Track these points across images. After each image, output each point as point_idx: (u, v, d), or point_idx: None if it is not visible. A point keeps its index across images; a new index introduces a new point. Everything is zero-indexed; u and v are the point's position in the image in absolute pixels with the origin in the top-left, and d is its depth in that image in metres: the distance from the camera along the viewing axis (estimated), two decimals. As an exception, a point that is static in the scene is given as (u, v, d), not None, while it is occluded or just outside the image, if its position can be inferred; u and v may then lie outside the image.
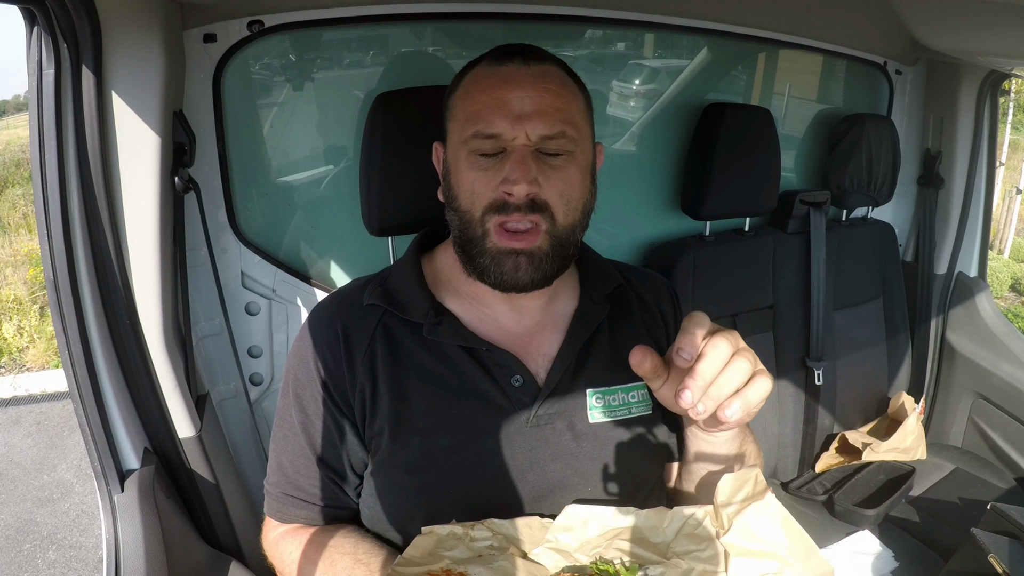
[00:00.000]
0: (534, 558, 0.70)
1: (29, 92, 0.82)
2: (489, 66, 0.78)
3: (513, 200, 0.74)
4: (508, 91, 0.75)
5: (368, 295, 0.83)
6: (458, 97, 0.80)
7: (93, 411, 0.89)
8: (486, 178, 0.75)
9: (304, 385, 0.83)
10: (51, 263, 0.85)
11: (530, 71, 0.76)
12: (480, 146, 0.75)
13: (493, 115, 0.75)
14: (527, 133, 0.74)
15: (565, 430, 0.82)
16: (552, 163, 0.76)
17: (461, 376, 0.81)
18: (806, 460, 1.68)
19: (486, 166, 0.76)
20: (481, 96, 0.76)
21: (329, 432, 0.82)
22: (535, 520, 0.72)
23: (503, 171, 0.74)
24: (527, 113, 0.74)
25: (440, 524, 0.71)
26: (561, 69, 0.80)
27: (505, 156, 0.75)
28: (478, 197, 0.76)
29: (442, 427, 0.79)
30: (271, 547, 0.87)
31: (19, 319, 4.44)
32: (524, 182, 0.73)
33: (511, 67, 0.76)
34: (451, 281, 0.85)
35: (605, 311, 0.87)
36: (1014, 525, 0.89)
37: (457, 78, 0.83)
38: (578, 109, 0.79)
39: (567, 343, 0.84)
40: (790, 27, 1.48)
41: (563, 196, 0.76)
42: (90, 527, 2.63)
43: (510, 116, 0.74)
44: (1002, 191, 6.35)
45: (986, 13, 1.03)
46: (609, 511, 0.70)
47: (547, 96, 0.75)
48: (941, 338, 1.87)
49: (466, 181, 0.77)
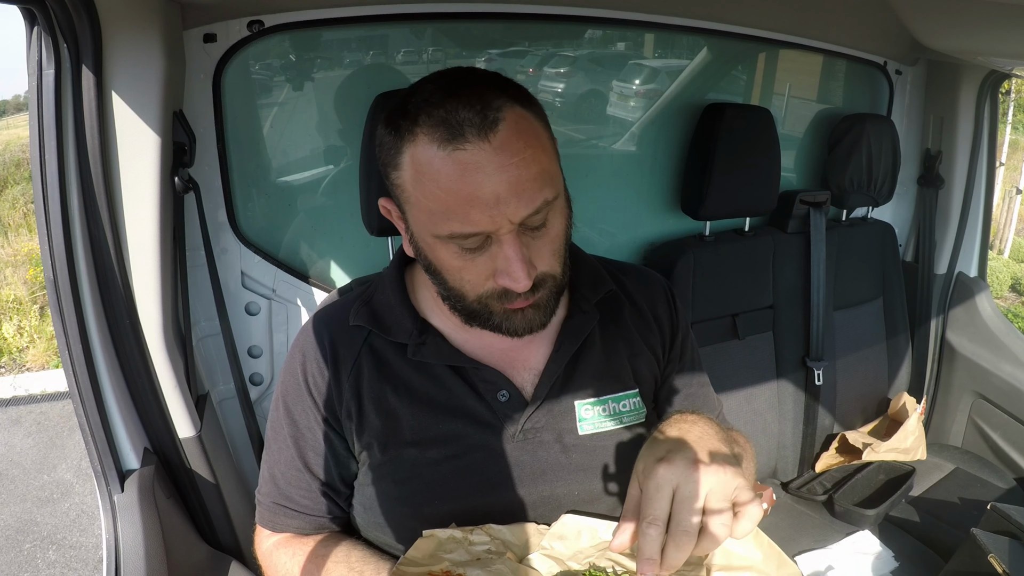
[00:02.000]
0: (529, 564, 0.73)
1: (29, 92, 0.82)
2: (439, 147, 0.64)
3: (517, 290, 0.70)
4: (476, 182, 0.64)
5: (354, 315, 0.83)
6: (409, 182, 0.68)
7: (93, 411, 0.89)
8: (474, 268, 0.70)
9: (294, 399, 0.83)
10: (51, 263, 0.85)
11: (491, 147, 0.64)
12: (462, 243, 0.69)
13: (468, 212, 0.65)
14: (509, 220, 0.66)
15: (553, 443, 0.81)
16: (539, 234, 0.71)
17: (448, 394, 0.80)
18: (806, 460, 1.68)
19: (471, 256, 0.70)
20: (444, 189, 0.65)
21: (319, 445, 0.83)
22: (531, 526, 0.75)
23: (494, 262, 0.69)
24: (503, 198, 0.65)
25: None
26: (512, 107, 0.67)
27: (490, 244, 0.69)
28: (470, 284, 0.72)
29: (430, 442, 0.79)
30: (265, 557, 0.88)
31: (19, 319, 4.44)
32: (525, 277, 0.68)
33: (468, 150, 0.64)
34: (433, 297, 0.83)
35: (594, 320, 0.85)
36: (1014, 525, 0.89)
37: (393, 141, 0.69)
38: (545, 152, 0.69)
39: (554, 356, 0.82)
40: (790, 27, 1.48)
41: (556, 255, 0.73)
42: (90, 527, 2.63)
43: (487, 208, 0.65)
44: (1002, 191, 6.34)
45: (986, 13, 1.03)
46: (602, 524, 0.74)
47: (519, 171, 0.65)
48: (941, 338, 1.87)
49: (452, 269, 0.72)
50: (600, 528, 0.74)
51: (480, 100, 0.65)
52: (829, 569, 1.33)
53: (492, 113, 0.65)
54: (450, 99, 0.65)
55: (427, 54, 1.32)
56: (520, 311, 0.74)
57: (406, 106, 0.68)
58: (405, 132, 0.67)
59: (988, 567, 0.85)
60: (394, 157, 0.69)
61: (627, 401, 0.84)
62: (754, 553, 0.71)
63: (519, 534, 0.75)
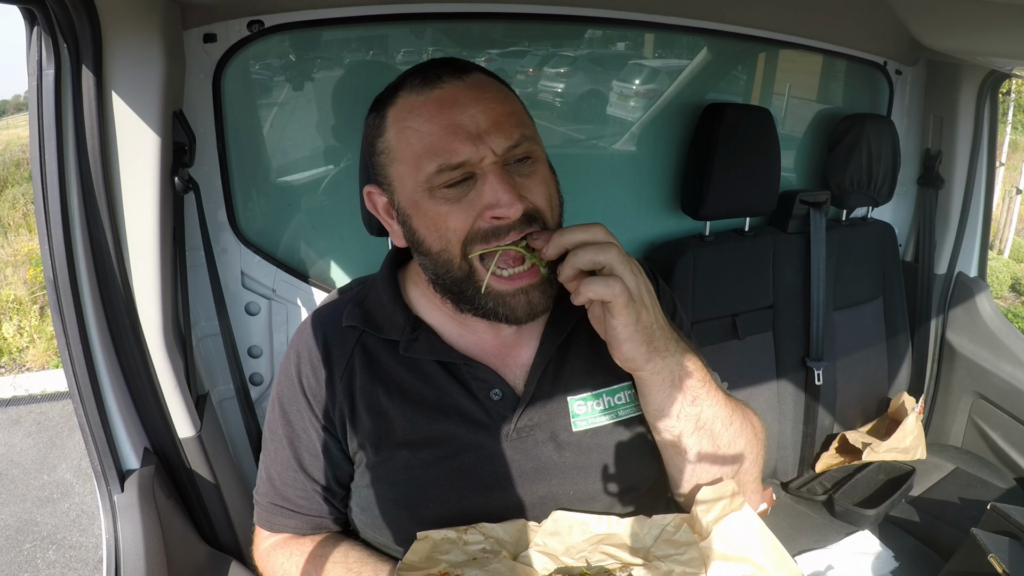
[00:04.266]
0: (523, 560, 0.73)
1: (29, 92, 0.82)
2: (418, 93, 0.72)
3: (505, 222, 0.71)
4: (455, 113, 0.70)
5: (347, 316, 0.83)
6: (393, 137, 0.74)
7: (93, 411, 0.89)
8: (460, 210, 0.71)
9: (290, 400, 0.83)
10: (51, 263, 0.85)
11: (466, 85, 0.72)
12: (448, 178, 0.70)
13: (451, 142, 0.69)
14: (492, 149, 0.70)
15: (547, 441, 0.81)
16: (523, 171, 0.73)
17: (439, 393, 0.80)
18: (806, 460, 1.68)
19: (456, 197, 0.71)
20: (426, 127, 0.70)
21: (314, 446, 0.83)
22: (522, 523, 0.75)
23: (482, 198, 0.71)
24: (484, 129, 0.70)
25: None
26: (485, 73, 0.76)
27: (476, 181, 0.71)
28: (454, 233, 0.72)
29: (422, 443, 0.79)
30: (262, 558, 0.88)
31: (19, 319, 4.44)
32: (516, 201, 0.70)
33: (445, 87, 0.71)
34: (424, 294, 0.84)
35: (578, 312, 0.83)
36: (1014, 525, 0.89)
37: (377, 118, 0.76)
38: (523, 109, 0.77)
39: (541, 349, 0.83)
40: (790, 27, 1.48)
41: (547, 199, 0.75)
42: (90, 527, 2.63)
43: (468, 137, 0.69)
44: (1002, 191, 6.35)
45: (986, 13, 1.03)
46: (593, 519, 0.75)
47: (495, 105, 0.71)
48: (941, 338, 1.87)
49: (436, 219, 0.72)
50: (591, 523, 0.75)
51: (459, 63, 0.74)
52: (829, 569, 1.33)
53: (469, 71, 0.74)
54: (420, 69, 0.74)
55: (427, 54, 1.31)
56: (521, 293, 0.74)
57: (383, 93, 0.77)
58: (386, 102, 0.75)
59: (988, 567, 0.85)
60: (376, 131, 0.76)
61: (622, 393, 0.84)
62: (755, 545, 0.71)
63: (512, 532, 0.75)
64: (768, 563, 0.71)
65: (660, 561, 0.73)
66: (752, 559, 0.71)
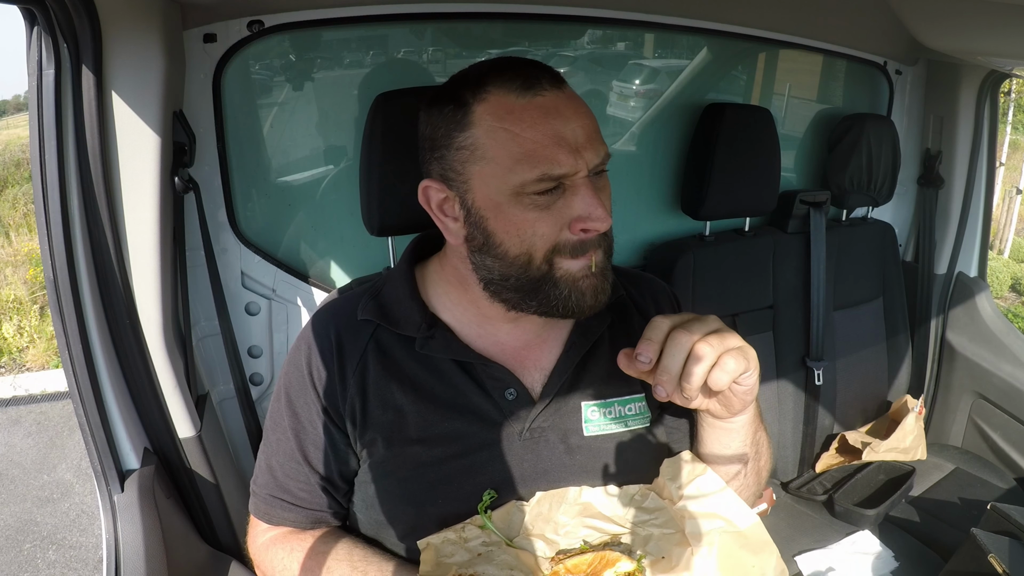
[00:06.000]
0: (520, 546, 0.75)
1: (29, 92, 0.82)
2: (518, 96, 0.70)
3: (593, 235, 0.73)
4: (559, 124, 0.70)
5: (362, 309, 0.83)
6: (483, 135, 0.71)
7: (93, 411, 0.89)
8: (548, 217, 0.72)
9: (298, 392, 0.83)
10: (51, 263, 0.85)
11: (565, 96, 0.72)
12: (544, 187, 0.70)
13: (556, 153, 0.69)
14: (587, 163, 0.71)
15: (558, 443, 0.81)
16: (599, 184, 0.75)
17: (454, 391, 0.80)
18: (806, 460, 1.68)
19: (545, 204, 0.71)
20: (529, 133, 0.69)
21: (320, 439, 0.82)
22: (509, 509, 0.77)
23: (572, 209, 0.71)
24: (582, 143, 0.71)
25: (425, 533, 0.75)
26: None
27: (563, 191, 0.72)
28: (541, 239, 0.72)
29: (435, 440, 0.79)
30: (259, 551, 0.87)
31: (19, 319, 4.44)
32: (608, 216, 0.71)
33: (547, 96, 0.71)
34: (447, 293, 0.84)
35: (605, 322, 0.85)
36: (1014, 525, 0.89)
37: (457, 110, 0.72)
38: None
39: (564, 356, 0.83)
40: (790, 27, 1.48)
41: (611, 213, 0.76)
42: (90, 527, 2.63)
43: (571, 150, 0.70)
44: (1002, 191, 6.35)
45: (986, 13, 1.03)
46: (562, 492, 0.78)
47: (588, 121, 0.72)
48: (941, 338, 1.87)
49: (521, 224, 0.72)
50: (566, 495, 0.78)
51: (551, 73, 0.73)
52: (829, 569, 1.33)
53: (562, 82, 0.73)
54: (508, 67, 0.72)
55: (427, 54, 1.32)
56: (588, 277, 0.75)
57: (461, 84, 0.73)
58: (470, 98, 0.72)
59: (988, 567, 0.85)
60: (457, 126, 0.72)
61: (633, 404, 0.85)
62: (720, 503, 0.75)
63: (504, 518, 0.77)
64: (733, 515, 0.75)
65: (639, 527, 0.77)
66: (720, 514, 0.75)
